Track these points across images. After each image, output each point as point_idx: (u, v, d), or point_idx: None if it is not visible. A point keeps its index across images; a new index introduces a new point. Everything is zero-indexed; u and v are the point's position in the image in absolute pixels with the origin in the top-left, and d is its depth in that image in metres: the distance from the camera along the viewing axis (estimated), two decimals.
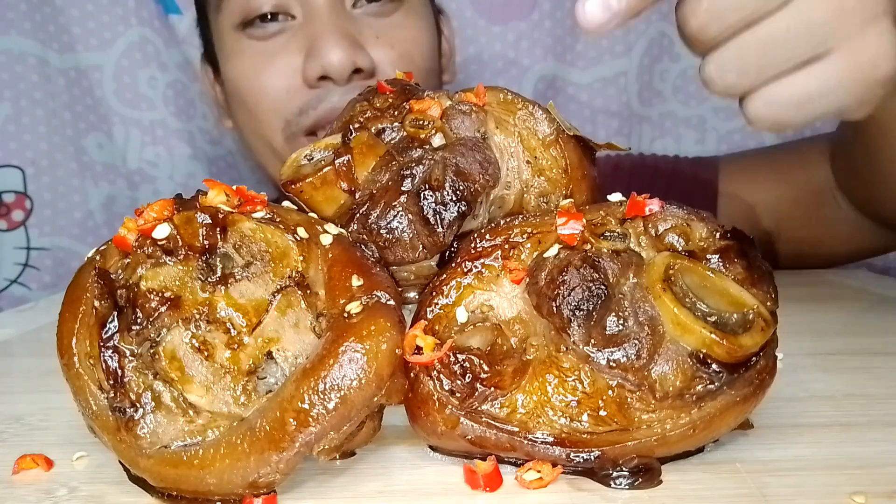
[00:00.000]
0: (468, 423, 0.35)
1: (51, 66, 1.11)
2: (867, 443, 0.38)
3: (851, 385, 0.46)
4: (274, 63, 0.84)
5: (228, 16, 0.87)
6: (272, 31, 0.84)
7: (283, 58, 0.83)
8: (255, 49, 0.85)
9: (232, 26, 0.86)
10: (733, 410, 0.34)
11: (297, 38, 0.83)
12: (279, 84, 0.84)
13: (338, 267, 0.36)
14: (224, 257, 0.35)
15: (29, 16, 1.09)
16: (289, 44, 0.83)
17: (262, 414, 0.32)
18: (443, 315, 0.37)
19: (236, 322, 0.34)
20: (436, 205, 0.38)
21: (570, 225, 0.36)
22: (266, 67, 0.84)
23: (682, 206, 0.38)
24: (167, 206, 0.36)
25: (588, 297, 0.34)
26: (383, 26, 0.84)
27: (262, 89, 0.85)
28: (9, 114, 1.09)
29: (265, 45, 0.85)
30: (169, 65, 1.16)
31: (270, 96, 0.85)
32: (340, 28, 0.81)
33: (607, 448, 0.34)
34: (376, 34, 0.83)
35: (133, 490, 0.35)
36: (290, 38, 0.83)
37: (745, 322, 0.34)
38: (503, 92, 0.44)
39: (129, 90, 1.15)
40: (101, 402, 0.34)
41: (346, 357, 0.32)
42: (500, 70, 1.18)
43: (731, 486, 0.33)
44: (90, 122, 1.15)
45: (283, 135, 0.86)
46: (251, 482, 0.32)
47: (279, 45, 0.84)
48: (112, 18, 1.13)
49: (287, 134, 0.85)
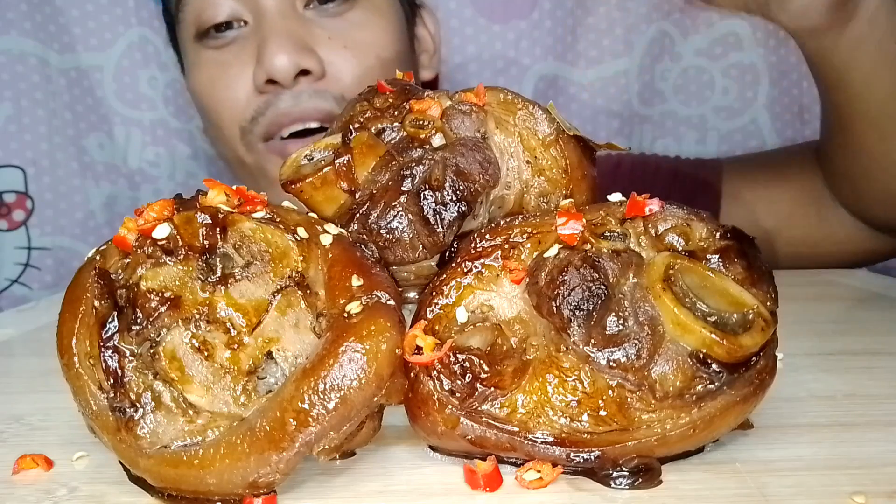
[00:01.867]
0: (468, 423, 0.35)
1: (51, 66, 1.11)
2: (867, 443, 0.38)
3: (851, 385, 0.46)
4: (228, 73, 0.84)
5: (186, 28, 0.87)
6: (227, 39, 0.85)
7: (236, 67, 0.84)
8: (211, 59, 0.86)
9: (191, 38, 0.87)
10: (733, 410, 0.34)
11: (249, 45, 0.83)
12: (234, 93, 0.84)
13: (338, 267, 0.36)
14: (224, 257, 0.35)
15: (29, 16, 1.09)
16: (241, 52, 0.84)
17: (262, 414, 0.32)
18: (443, 315, 0.37)
19: (236, 322, 0.34)
20: (436, 205, 0.38)
21: (570, 225, 0.36)
22: (221, 77, 0.85)
23: (682, 205, 0.38)
24: (167, 206, 0.36)
25: (588, 297, 0.34)
26: (336, 26, 0.84)
27: (219, 99, 0.86)
28: (9, 114, 1.09)
29: (221, 54, 0.85)
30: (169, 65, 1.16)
31: (227, 106, 0.85)
32: (286, 31, 0.81)
33: (607, 448, 0.34)
34: (328, 35, 0.83)
35: (133, 490, 0.35)
36: (243, 46, 0.84)
37: (745, 322, 0.34)
38: (503, 92, 0.44)
39: (130, 90, 1.15)
40: (101, 402, 0.34)
41: (346, 357, 0.32)
42: (501, 69, 1.18)
43: (731, 486, 0.33)
44: (91, 122, 1.15)
45: (241, 144, 0.86)
46: (251, 482, 0.32)
47: (232, 54, 0.84)
48: (112, 18, 1.13)
49: (245, 142, 0.86)
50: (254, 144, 0.86)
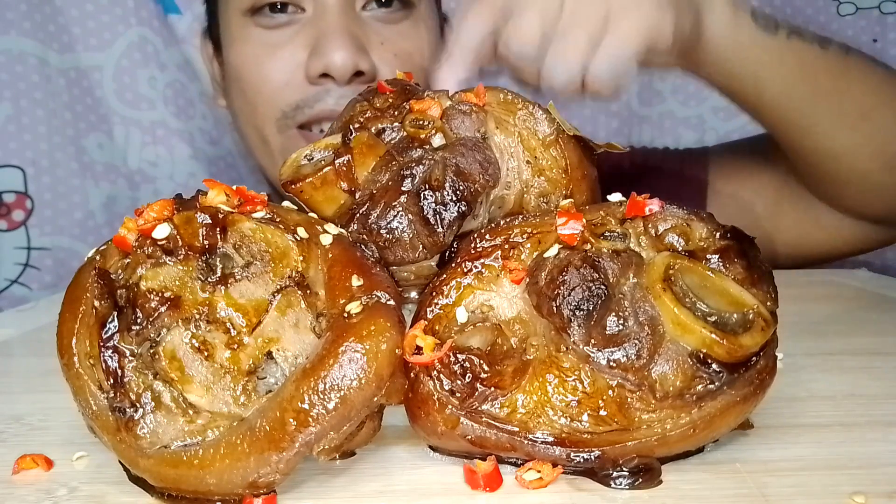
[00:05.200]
0: (468, 423, 0.35)
1: (51, 66, 1.11)
2: (867, 443, 0.38)
3: (851, 385, 0.46)
4: (278, 54, 0.84)
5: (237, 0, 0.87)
6: (280, 21, 0.84)
7: (287, 50, 0.84)
8: (260, 37, 0.85)
9: (240, 11, 0.86)
10: (733, 410, 0.34)
11: (303, 33, 0.83)
12: (281, 76, 0.84)
13: (338, 267, 0.36)
14: (224, 257, 0.35)
15: (29, 16, 1.09)
16: (295, 37, 0.83)
17: (262, 414, 0.32)
18: (443, 315, 0.37)
19: (236, 322, 0.34)
20: (436, 205, 0.38)
21: (570, 225, 0.36)
22: (270, 57, 0.85)
23: (681, 205, 0.38)
24: (167, 206, 0.36)
25: (588, 297, 0.34)
26: (389, 33, 0.85)
27: (264, 78, 0.86)
28: (9, 114, 1.09)
29: (271, 34, 0.85)
30: (168, 65, 1.16)
31: (270, 86, 0.85)
32: (347, 29, 0.81)
33: (607, 448, 0.34)
34: (381, 40, 0.84)
35: (133, 490, 0.35)
36: (298, 32, 0.84)
37: (745, 322, 0.34)
38: (503, 92, 0.44)
39: (129, 90, 1.15)
40: (101, 402, 0.34)
41: (346, 357, 0.32)
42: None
43: (731, 486, 0.33)
44: (90, 122, 1.15)
45: (276, 125, 0.86)
46: (251, 482, 0.32)
47: (285, 37, 0.84)
48: (112, 18, 1.13)
49: (280, 125, 0.86)
50: (288, 129, 0.86)
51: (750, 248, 0.36)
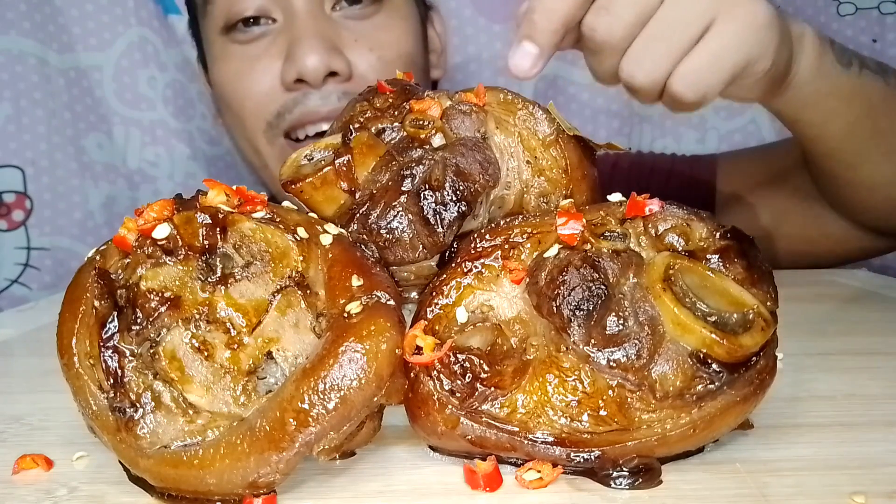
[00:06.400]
0: (468, 423, 0.35)
1: (50, 66, 1.11)
2: (867, 443, 0.38)
3: (851, 385, 0.46)
4: (256, 67, 0.86)
5: (213, 20, 0.89)
6: (254, 34, 0.86)
7: (264, 62, 0.86)
8: (238, 53, 0.88)
9: (217, 30, 0.89)
10: (733, 410, 0.34)
11: (277, 42, 0.85)
12: (260, 87, 0.86)
13: (338, 267, 0.36)
14: (224, 257, 0.35)
15: (29, 16, 1.09)
16: (270, 47, 0.86)
17: (262, 414, 0.32)
18: (443, 315, 0.37)
19: (236, 322, 0.34)
20: (436, 205, 0.38)
21: (570, 225, 0.36)
22: (249, 71, 0.87)
23: (682, 205, 0.38)
24: (167, 206, 0.36)
25: (588, 297, 0.34)
26: (362, 29, 0.86)
27: (245, 92, 0.88)
28: (9, 114, 1.09)
29: (248, 48, 0.87)
30: (168, 65, 1.16)
31: (252, 99, 0.87)
32: (318, 32, 0.83)
33: (607, 448, 0.34)
34: (355, 37, 0.85)
35: (133, 490, 0.35)
36: (272, 42, 0.86)
37: (745, 322, 0.34)
38: (503, 92, 0.44)
39: (129, 90, 1.15)
40: (101, 402, 0.34)
41: (346, 357, 0.32)
42: (501, 69, 1.18)
43: (731, 486, 0.33)
44: (90, 122, 1.15)
45: (264, 137, 0.88)
46: (251, 482, 0.32)
47: (261, 49, 0.86)
48: (111, 18, 1.13)
49: (268, 136, 0.88)
50: (276, 138, 0.88)
51: (750, 248, 0.36)
